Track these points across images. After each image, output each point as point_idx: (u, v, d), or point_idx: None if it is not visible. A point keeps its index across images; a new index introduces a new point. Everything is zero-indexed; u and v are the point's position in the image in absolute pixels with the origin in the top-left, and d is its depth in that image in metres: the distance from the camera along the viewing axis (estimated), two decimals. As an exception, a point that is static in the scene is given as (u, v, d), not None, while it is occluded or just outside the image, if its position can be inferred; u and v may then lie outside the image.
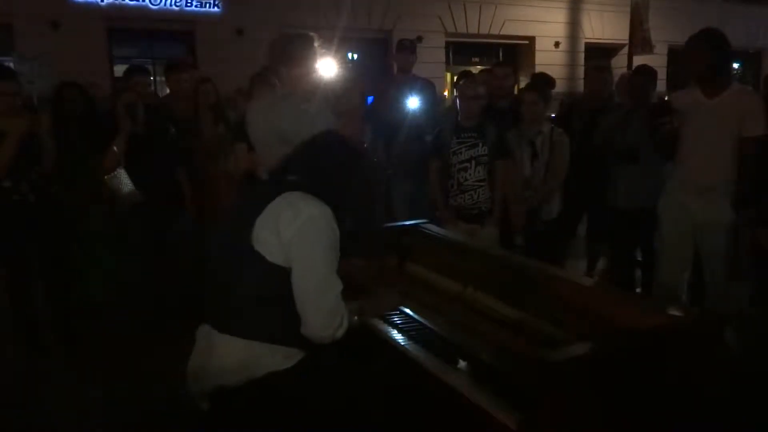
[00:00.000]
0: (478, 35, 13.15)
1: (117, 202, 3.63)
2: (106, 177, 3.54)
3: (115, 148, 3.51)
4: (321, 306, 1.80)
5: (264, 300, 1.82)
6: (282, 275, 1.79)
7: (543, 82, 4.55)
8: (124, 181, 3.56)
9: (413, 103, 4.54)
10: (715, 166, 3.04)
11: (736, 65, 15.37)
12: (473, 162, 3.57)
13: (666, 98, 3.89)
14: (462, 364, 1.88)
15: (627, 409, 1.65)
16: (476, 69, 9.47)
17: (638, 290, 3.92)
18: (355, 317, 1.98)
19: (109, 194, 3.61)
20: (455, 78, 6.16)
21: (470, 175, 3.58)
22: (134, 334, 3.60)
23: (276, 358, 1.81)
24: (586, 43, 14.14)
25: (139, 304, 3.79)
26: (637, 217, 3.63)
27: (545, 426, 1.55)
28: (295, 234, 1.77)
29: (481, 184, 3.59)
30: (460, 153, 3.58)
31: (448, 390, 1.77)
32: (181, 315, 2.62)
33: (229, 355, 1.80)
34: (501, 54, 13.58)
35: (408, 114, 4.57)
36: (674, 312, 1.95)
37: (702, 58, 3.01)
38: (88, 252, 3.88)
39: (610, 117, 3.85)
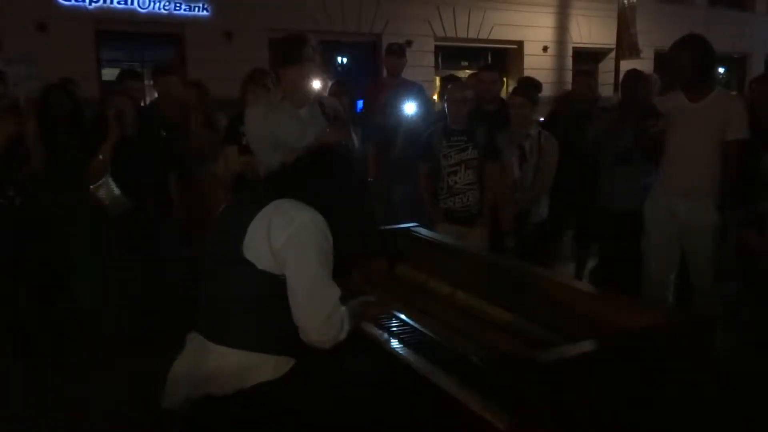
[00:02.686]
0: (467, 39, 13.20)
1: (105, 210, 3.59)
2: (92, 186, 3.49)
3: (101, 156, 3.48)
4: (318, 311, 1.79)
5: (254, 309, 1.81)
6: (272, 283, 1.78)
7: (530, 86, 4.59)
8: (111, 188, 3.52)
9: (406, 107, 4.56)
10: (699, 168, 3.09)
11: (721, 70, 15.55)
12: (463, 165, 3.59)
13: (652, 102, 3.92)
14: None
15: (616, 410, 1.67)
16: (465, 73, 9.53)
17: (626, 292, 3.95)
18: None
19: (97, 202, 3.56)
20: (441, 82, 6.21)
21: (460, 178, 3.60)
22: (122, 337, 3.57)
23: (266, 367, 1.80)
24: (574, 48, 14.25)
25: (127, 307, 3.77)
26: (631, 218, 3.63)
27: (534, 427, 1.56)
28: (288, 241, 1.76)
29: (471, 187, 3.61)
30: (450, 156, 3.60)
31: (438, 391, 1.78)
32: (171, 318, 2.61)
33: (220, 365, 1.79)
34: (490, 58, 13.63)
35: (399, 118, 4.59)
36: (661, 313, 1.98)
37: (686, 63, 3.05)
38: (76, 255, 3.85)
39: (600, 120, 3.89)
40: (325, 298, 1.81)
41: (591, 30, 14.19)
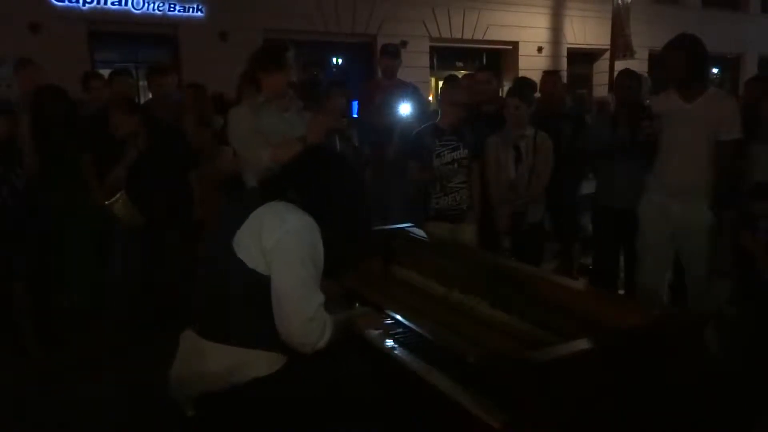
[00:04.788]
0: (462, 40, 13.22)
1: (119, 225, 3.60)
2: (107, 202, 3.50)
3: (115, 173, 3.49)
4: (298, 315, 1.79)
5: (246, 306, 1.82)
6: (262, 282, 1.79)
7: (525, 86, 4.59)
8: (126, 205, 3.53)
9: (402, 108, 4.56)
10: (692, 168, 3.09)
11: (715, 70, 15.63)
12: (455, 164, 3.61)
13: (646, 102, 3.94)
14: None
15: (610, 409, 1.67)
16: (460, 74, 9.53)
17: (621, 291, 3.96)
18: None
19: (113, 218, 3.58)
20: (441, 82, 6.22)
21: (453, 176, 3.62)
22: (118, 338, 3.56)
23: (260, 363, 1.81)
24: (569, 48, 14.29)
25: (127, 307, 3.76)
26: (632, 216, 3.60)
27: (529, 426, 1.56)
28: (277, 243, 1.77)
29: (463, 186, 3.64)
30: (443, 156, 3.62)
31: (433, 391, 1.78)
32: (166, 319, 2.60)
33: (214, 362, 1.80)
34: (485, 59, 13.66)
35: (394, 119, 4.59)
36: (656, 312, 1.99)
37: (679, 63, 3.06)
38: (71, 255, 3.83)
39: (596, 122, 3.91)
40: (307, 302, 1.81)
41: (585, 31, 14.24)
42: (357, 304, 2.37)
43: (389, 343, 2.08)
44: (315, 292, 1.84)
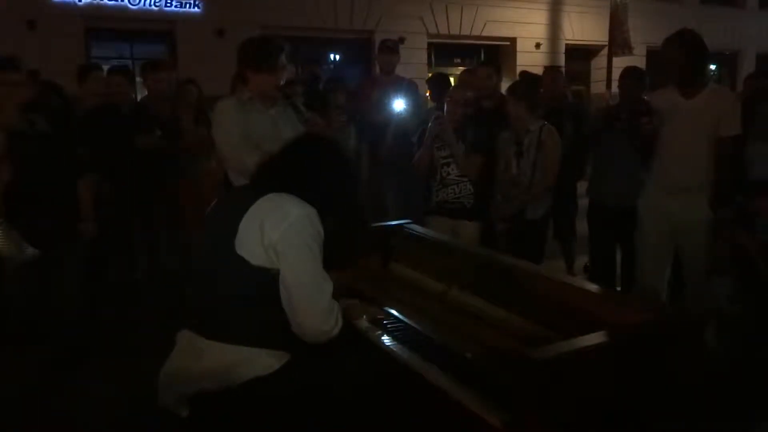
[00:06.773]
0: (459, 36, 13.21)
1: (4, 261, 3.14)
2: None
3: None
4: (317, 304, 1.81)
5: (248, 304, 1.81)
6: (265, 278, 1.78)
7: (524, 82, 4.57)
8: (6, 235, 3.03)
9: (398, 104, 4.56)
10: (692, 165, 3.08)
11: (712, 66, 15.63)
12: (451, 158, 3.62)
13: (645, 98, 3.93)
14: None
15: (612, 407, 1.67)
16: (458, 70, 9.52)
17: (619, 288, 3.96)
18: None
19: None
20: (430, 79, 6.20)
21: (452, 169, 3.64)
22: (118, 337, 3.55)
23: (260, 361, 1.79)
24: (567, 44, 14.29)
25: (121, 307, 3.75)
26: (629, 215, 3.55)
27: (531, 425, 1.55)
28: (283, 235, 1.76)
29: (463, 179, 3.63)
30: (444, 148, 3.63)
31: (434, 390, 1.77)
32: (165, 317, 2.58)
33: (212, 360, 1.79)
34: (483, 55, 13.66)
35: (392, 114, 4.59)
36: (656, 310, 1.98)
37: (678, 59, 3.04)
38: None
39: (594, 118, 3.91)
40: (320, 291, 1.82)
41: (583, 27, 14.23)
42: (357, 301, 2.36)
43: (388, 341, 2.07)
44: (326, 279, 1.85)
